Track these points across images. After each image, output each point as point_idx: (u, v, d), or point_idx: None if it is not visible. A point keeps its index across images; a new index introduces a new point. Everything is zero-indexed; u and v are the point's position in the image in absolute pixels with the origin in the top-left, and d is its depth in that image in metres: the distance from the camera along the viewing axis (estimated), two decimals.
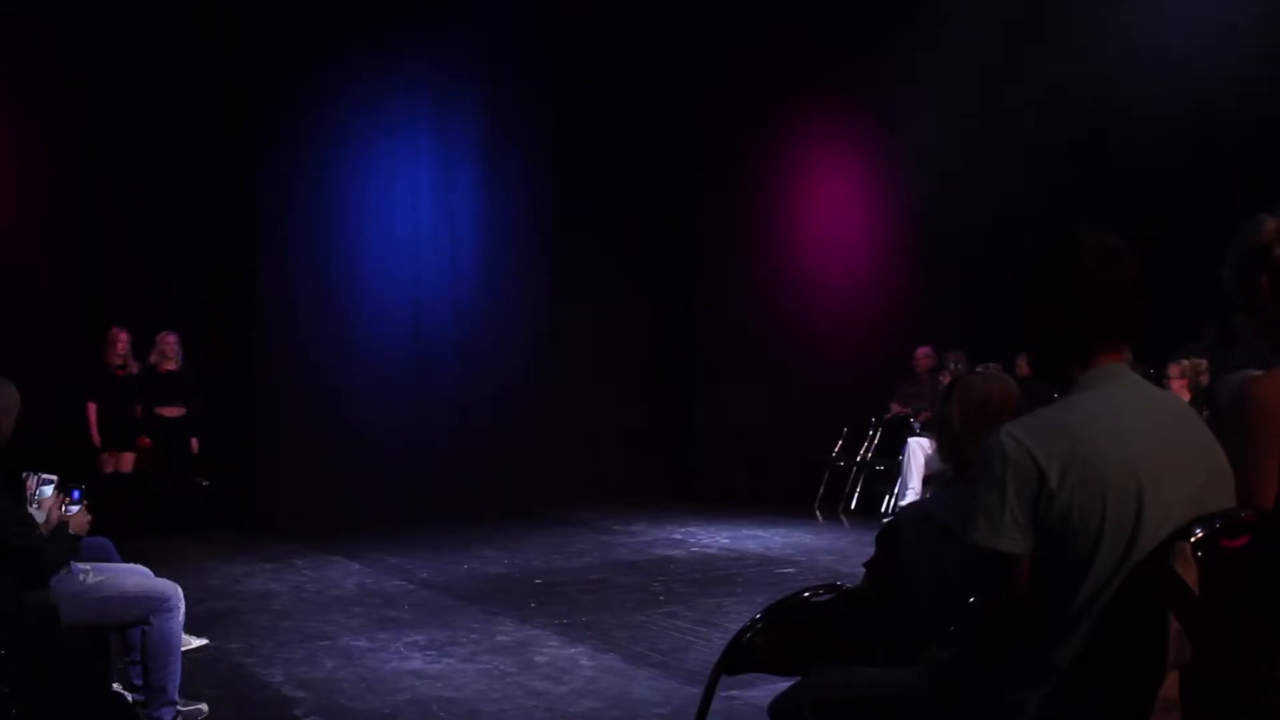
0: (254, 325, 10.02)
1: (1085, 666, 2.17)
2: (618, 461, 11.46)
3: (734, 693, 4.69)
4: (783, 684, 2.88)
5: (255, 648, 6.07)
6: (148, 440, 9.64)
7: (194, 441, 9.79)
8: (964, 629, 2.52)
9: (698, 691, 3.24)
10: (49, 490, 4.64)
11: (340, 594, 7.45)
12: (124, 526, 7.14)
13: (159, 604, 4.54)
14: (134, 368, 9.65)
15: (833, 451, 11.33)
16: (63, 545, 4.36)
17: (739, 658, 3.06)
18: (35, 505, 4.55)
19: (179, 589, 4.67)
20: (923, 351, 11.24)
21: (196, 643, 5.93)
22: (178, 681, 4.62)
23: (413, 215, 10.42)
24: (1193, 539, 2.11)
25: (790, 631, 3.13)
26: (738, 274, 11.83)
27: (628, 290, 11.63)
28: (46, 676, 3.95)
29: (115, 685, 4.69)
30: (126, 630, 4.64)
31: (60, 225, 9.56)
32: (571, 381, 11.22)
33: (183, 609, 4.66)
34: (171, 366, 9.72)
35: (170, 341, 9.74)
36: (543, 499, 10.86)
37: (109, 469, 9.48)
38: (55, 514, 4.49)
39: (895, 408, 11.23)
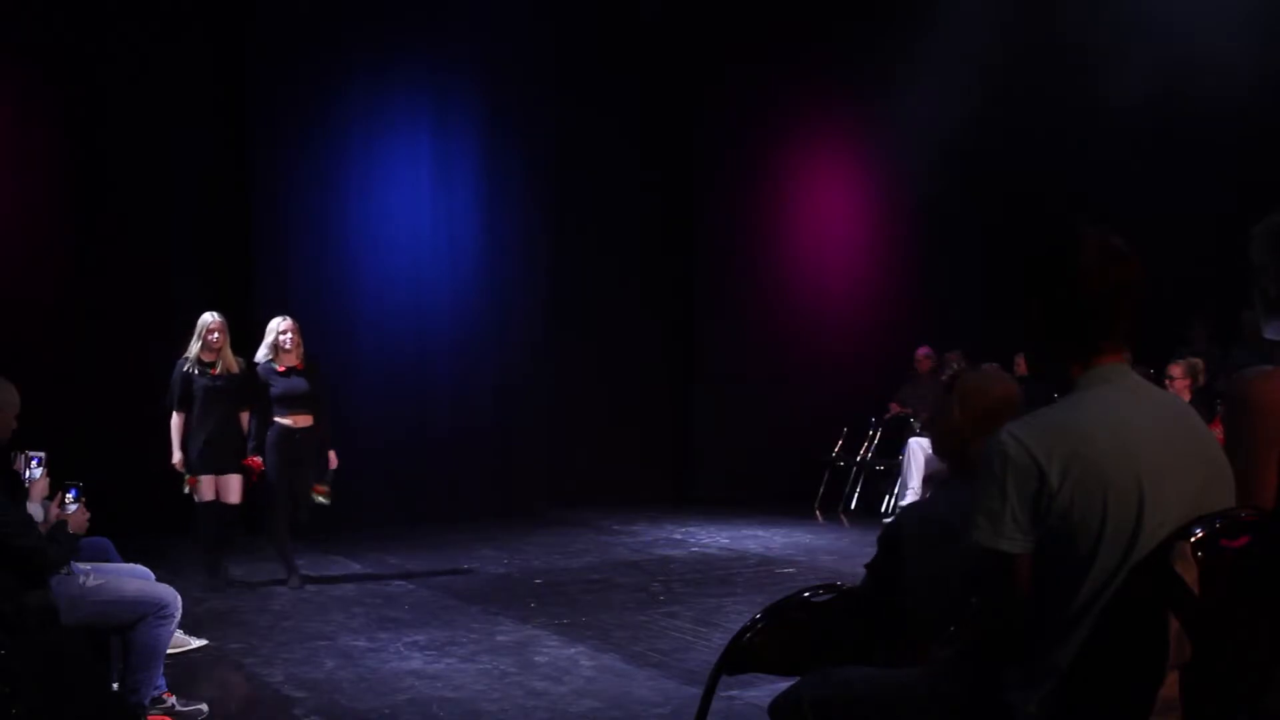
0: (254, 326, 9.99)
1: (1085, 666, 2.17)
2: (618, 461, 11.44)
3: (734, 693, 4.69)
4: (783, 684, 2.88)
5: (255, 648, 6.07)
6: (260, 462, 7.40)
7: (332, 455, 7.57)
8: (964, 629, 2.52)
9: (698, 691, 3.23)
10: (39, 472, 4.64)
11: (340, 594, 7.45)
12: (124, 526, 7.08)
13: (157, 610, 4.54)
14: (233, 366, 7.45)
15: (833, 451, 11.33)
16: (62, 545, 4.36)
17: (739, 658, 3.05)
18: (26, 484, 4.56)
19: (178, 596, 4.68)
20: (923, 352, 11.27)
21: (196, 643, 5.93)
22: (152, 685, 4.64)
23: (413, 216, 10.40)
24: (1193, 539, 2.11)
25: (790, 631, 3.12)
26: (738, 274, 11.83)
27: (628, 290, 11.63)
28: (46, 676, 3.95)
29: (115, 685, 4.69)
30: (126, 632, 4.64)
31: (60, 225, 9.53)
32: (571, 381, 11.21)
33: (179, 617, 4.67)
34: (294, 362, 7.46)
35: (287, 332, 7.47)
36: (543, 499, 10.86)
37: (207, 497, 7.36)
38: (54, 513, 4.49)
39: (895, 408, 11.25)
